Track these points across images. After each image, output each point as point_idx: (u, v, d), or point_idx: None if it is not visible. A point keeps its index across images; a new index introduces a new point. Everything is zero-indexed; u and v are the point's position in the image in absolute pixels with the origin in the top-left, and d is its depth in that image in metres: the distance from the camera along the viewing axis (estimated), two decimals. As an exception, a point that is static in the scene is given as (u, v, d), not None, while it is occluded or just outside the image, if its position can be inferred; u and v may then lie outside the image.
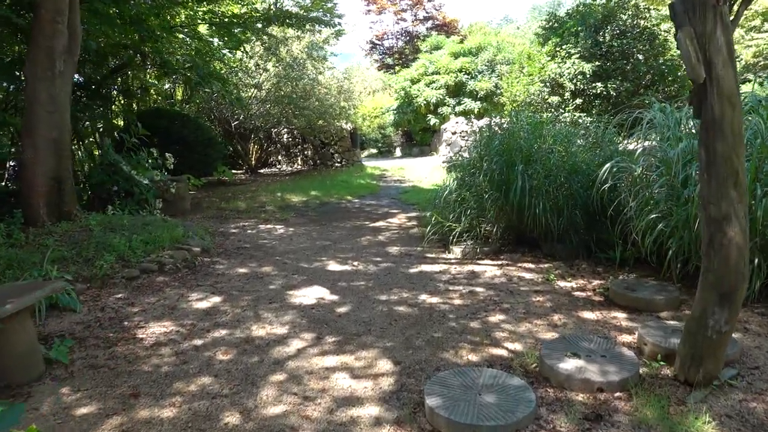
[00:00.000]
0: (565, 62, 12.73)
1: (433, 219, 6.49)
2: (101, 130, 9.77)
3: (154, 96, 12.52)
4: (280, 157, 18.87)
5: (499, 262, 5.80)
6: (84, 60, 9.36)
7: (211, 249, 6.40)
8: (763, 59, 20.68)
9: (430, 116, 23.75)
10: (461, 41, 26.40)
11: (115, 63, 9.68)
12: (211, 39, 12.16)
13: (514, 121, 6.89)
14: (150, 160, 8.19)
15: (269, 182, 13.87)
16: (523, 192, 5.74)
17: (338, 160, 17.72)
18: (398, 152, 27.08)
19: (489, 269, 5.55)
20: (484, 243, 6.19)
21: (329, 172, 15.91)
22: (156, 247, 5.81)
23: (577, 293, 4.67)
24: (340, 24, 11.77)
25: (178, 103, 14.49)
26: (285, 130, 17.75)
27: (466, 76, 23.56)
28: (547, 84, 13.08)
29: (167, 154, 8.32)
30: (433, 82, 23.91)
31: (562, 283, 4.98)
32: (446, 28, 32.85)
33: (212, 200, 10.30)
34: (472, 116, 20.97)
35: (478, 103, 22.74)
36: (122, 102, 11.06)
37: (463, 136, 16.12)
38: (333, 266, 5.80)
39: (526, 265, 5.68)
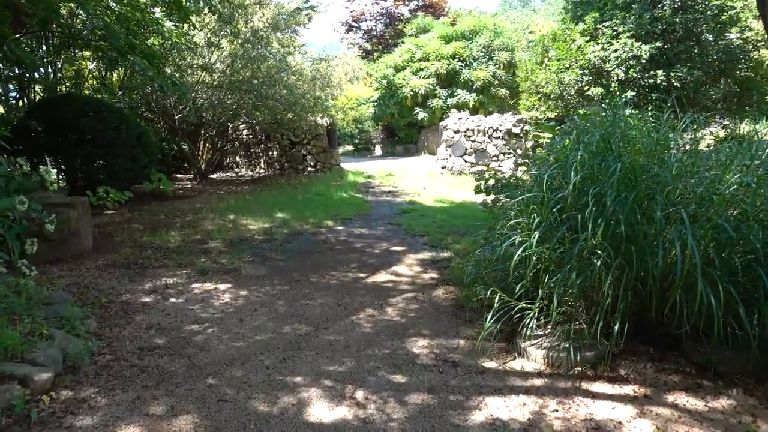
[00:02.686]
0: (612, 43, 9.84)
1: (497, 299, 3.63)
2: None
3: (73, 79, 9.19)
4: (238, 159, 15.50)
5: (629, 391, 3.11)
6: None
7: (84, 362, 3.35)
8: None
9: (417, 109, 20.61)
10: (452, 23, 23.33)
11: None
12: (151, 8, 9.06)
13: (612, 123, 4.06)
14: (16, 177, 5.03)
15: (222, 194, 10.70)
16: (687, 262, 2.98)
17: (311, 163, 14.42)
18: (378, 150, 23.95)
19: (622, 413, 2.87)
20: (581, 342, 3.37)
21: (300, 180, 12.72)
22: (-54, 383, 2.77)
23: None
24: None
25: (112, 90, 11.16)
26: (244, 125, 14.38)
27: (459, 63, 20.43)
28: (588, 71, 10.23)
29: (42, 168, 5.16)
30: (421, 69, 20.72)
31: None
32: (432, 10, 29.70)
33: (133, 228, 7.13)
34: (467, 110, 18.09)
35: (474, 95, 19.64)
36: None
37: (469, 136, 13.25)
38: (317, 407, 2.94)
39: (683, 400, 2.99)
